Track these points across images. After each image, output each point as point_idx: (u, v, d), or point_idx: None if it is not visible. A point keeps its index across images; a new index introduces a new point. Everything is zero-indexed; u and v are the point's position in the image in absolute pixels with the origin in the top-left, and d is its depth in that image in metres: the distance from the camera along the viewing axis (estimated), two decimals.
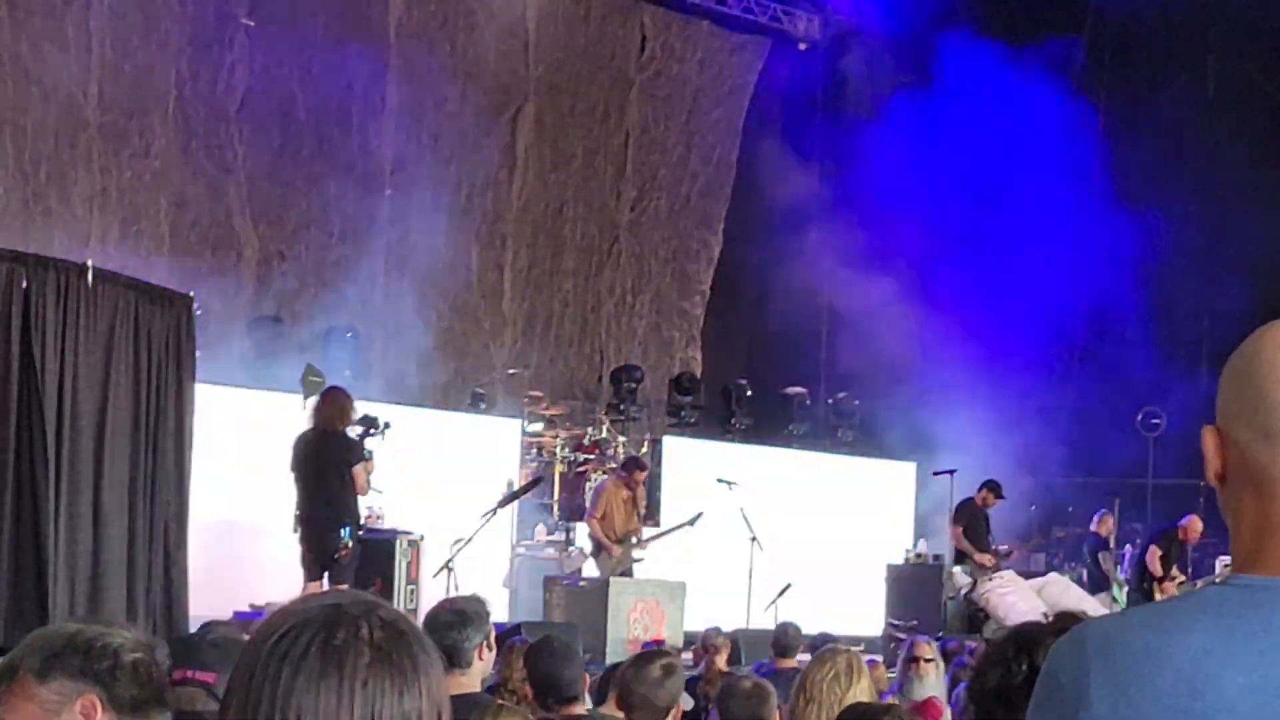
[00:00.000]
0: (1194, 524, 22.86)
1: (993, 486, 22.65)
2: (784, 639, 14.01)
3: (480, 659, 6.95)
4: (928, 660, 10.89)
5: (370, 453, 15.13)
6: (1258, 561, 2.42)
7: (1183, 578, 22.94)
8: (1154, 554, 22.74)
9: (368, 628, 2.40)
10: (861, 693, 6.95)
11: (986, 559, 22.09)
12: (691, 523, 21.06)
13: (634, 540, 19.68)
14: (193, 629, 11.28)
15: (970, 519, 22.33)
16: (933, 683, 10.71)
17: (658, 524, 21.43)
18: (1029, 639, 3.97)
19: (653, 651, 7.86)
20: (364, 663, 2.36)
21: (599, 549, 19.69)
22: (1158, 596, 22.47)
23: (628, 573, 19.46)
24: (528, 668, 7.99)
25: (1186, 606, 2.42)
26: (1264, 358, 2.44)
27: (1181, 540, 22.93)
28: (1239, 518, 2.47)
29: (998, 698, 3.96)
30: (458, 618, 6.80)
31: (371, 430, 15.37)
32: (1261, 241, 28.08)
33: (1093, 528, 24.21)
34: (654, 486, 22.85)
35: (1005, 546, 23.40)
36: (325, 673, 2.36)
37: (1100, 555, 23.85)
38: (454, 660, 6.64)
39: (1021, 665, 3.92)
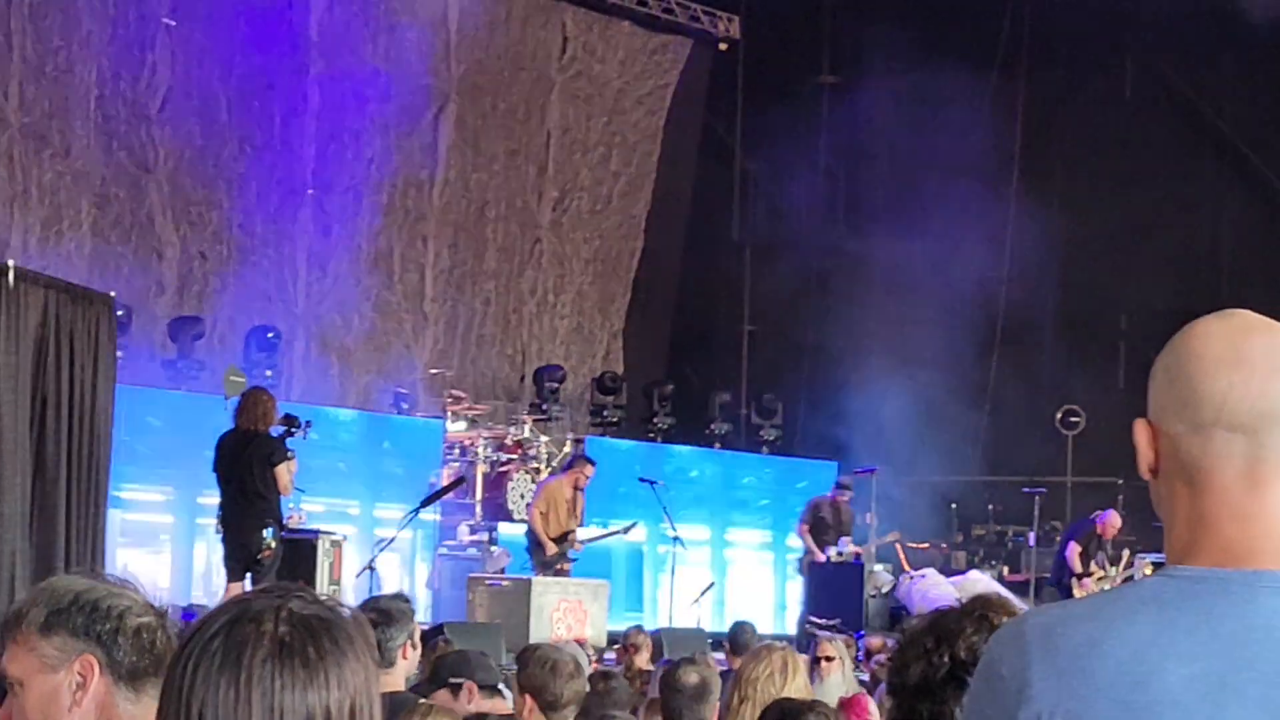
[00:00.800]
0: (1112, 520, 22.98)
1: (840, 484, 22.86)
2: (740, 637, 14.02)
3: (404, 658, 6.98)
4: (829, 659, 10.96)
5: (292, 452, 15.08)
6: (1193, 553, 2.45)
7: (1101, 573, 23.08)
8: (1074, 551, 22.87)
9: (273, 621, 2.39)
10: (796, 690, 6.98)
11: (819, 556, 22.22)
12: (626, 530, 21.17)
13: (569, 540, 19.67)
14: None
15: (814, 517, 22.41)
16: (836, 681, 10.77)
17: (581, 524, 21.48)
18: (947, 629, 3.93)
19: (558, 646, 7.90)
20: (262, 656, 2.36)
21: (536, 545, 19.64)
22: (1077, 594, 22.55)
23: (561, 572, 19.44)
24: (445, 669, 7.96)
25: (1126, 599, 2.45)
26: (1194, 351, 2.49)
27: (1099, 536, 23.06)
28: (1173, 510, 2.50)
29: (920, 692, 3.93)
30: (382, 617, 6.82)
31: (293, 430, 15.33)
32: (1179, 240, 28.33)
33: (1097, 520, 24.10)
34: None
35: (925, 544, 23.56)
36: (224, 666, 2.36)
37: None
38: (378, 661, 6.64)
39: (943, 657, 3.88)
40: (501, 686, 9.03)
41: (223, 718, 2.35)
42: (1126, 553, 22.98)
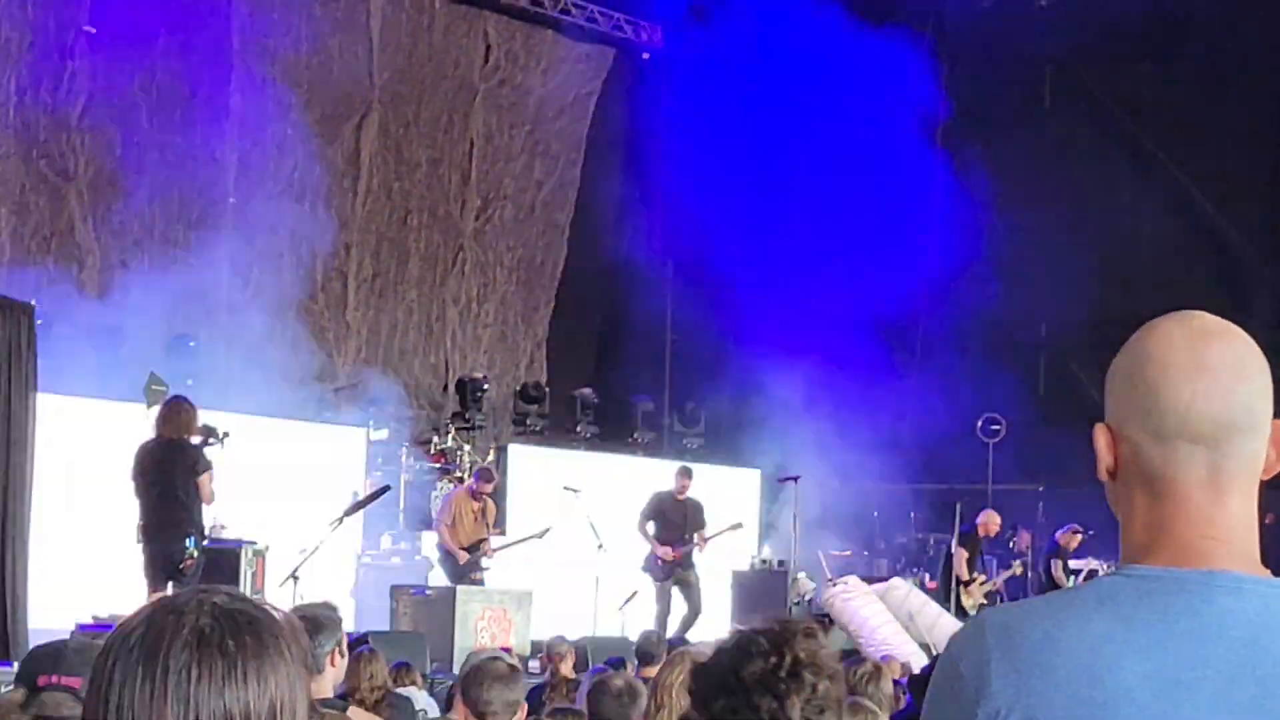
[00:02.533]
0: (989, 518, 23.10)
1: (681, 471, 22.40)
2: (647, 646, 14.03)
3: (333, 665, 6.97)
4: None
5: (210, 462, 15.03)
6: (1149, 553, 2.50)
7: (983, 578, 23.23)
8: (960, 556, 22.97)
9: (194, 616, 2.35)
10: None
11: (666, 552, 21.90)
12: (540, 535, 21.14)
13: (482, 551, 19.76)
14: (34, 642, 11.16)
15: (656, 512, 21.90)
16: None
17: (503, 532, 21.48)
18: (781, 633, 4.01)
19: (492, 653, 7.88)
20: (179, 648, 2.32)
21: (447, 557, 19.73)
22: (965, 600, 22.72)
23: (475, 581, 19.49)
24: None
25: (1084, 596, 2.48)
26: (1155, 359, 2.51)
27: (980, 538, 23.20)
28: (1130, 513, 2.54)
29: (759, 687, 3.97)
30: (311, 624, 6.81)
31: (211, 439, 15.28)
32: (1098, 248, 28.51)
33: (1057, 536, 24.15)
34: (500, 495, 22.91)
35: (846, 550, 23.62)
36: (143, 661, 2.32)
37: (1052, 563, 23.93)
38: (309, 667, 6.63)
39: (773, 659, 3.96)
40: None
41: (139, 711, 2.31)
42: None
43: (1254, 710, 2.37)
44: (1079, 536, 23.33)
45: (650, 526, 21.90)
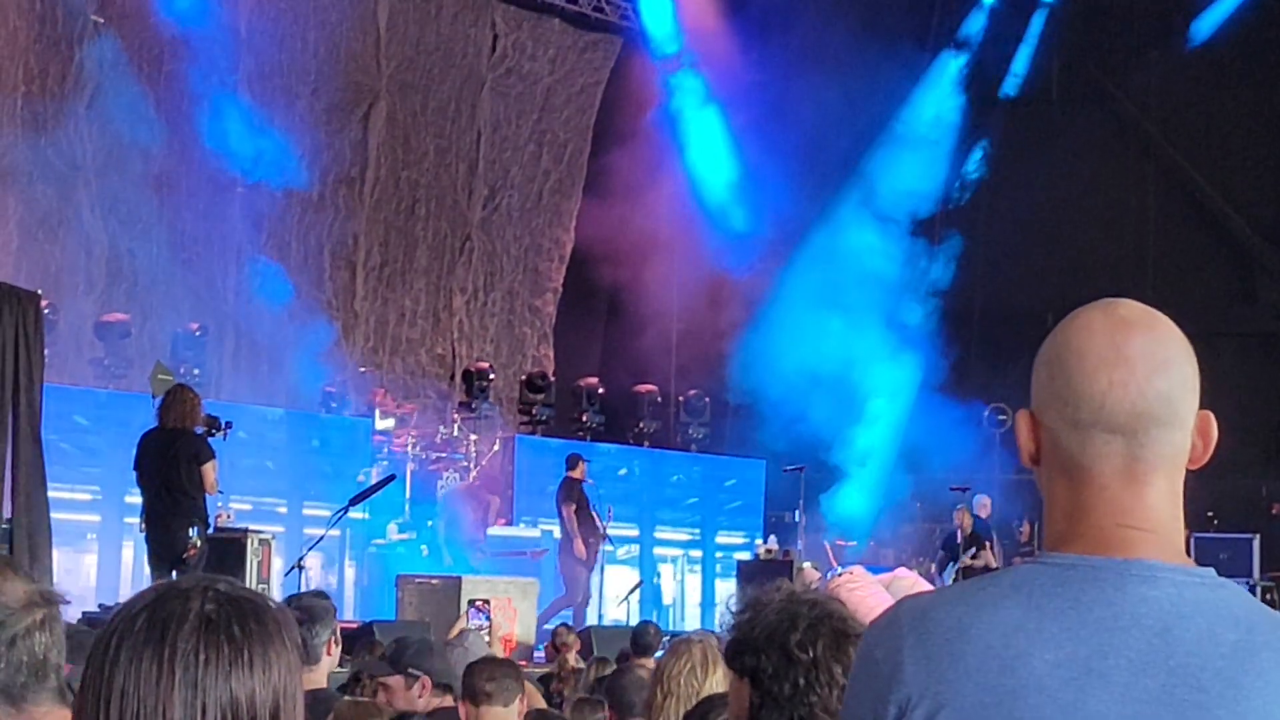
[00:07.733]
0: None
1: (581, 457, 21.78)
2: (644, 638, 14.04)
3: (329, 654, 7.00)
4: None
5: (214, 452, 15.07)
6: (1068, 541, 2.49)
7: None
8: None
9: (199, 601, 2.37)
10: (717, 683, 7.01)
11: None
12: (536, 556, 21.40)
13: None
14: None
15: (581, 497, 21.13)
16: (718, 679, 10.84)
17: (510, 522, 21.62)
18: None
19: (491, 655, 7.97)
20: (186, 632, 2.34)
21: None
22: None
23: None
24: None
25: (999, 584, 2.48)
26: (1074, 348, 2.52)
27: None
28: (1052, 499, 2.54)
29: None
30: (306, 614, 6.84)
31: (213, 430, 15.32)
32: (1105, 237, 28.54)
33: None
34: (505, 485, 23.07)
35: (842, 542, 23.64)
36: (148, 643, 2.33)
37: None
38: (303, 657, 6.66)
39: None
40: None
41: (144, 695, 2.32)
42: None
43: (1164, 699, 2.36)
44: None
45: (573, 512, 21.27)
